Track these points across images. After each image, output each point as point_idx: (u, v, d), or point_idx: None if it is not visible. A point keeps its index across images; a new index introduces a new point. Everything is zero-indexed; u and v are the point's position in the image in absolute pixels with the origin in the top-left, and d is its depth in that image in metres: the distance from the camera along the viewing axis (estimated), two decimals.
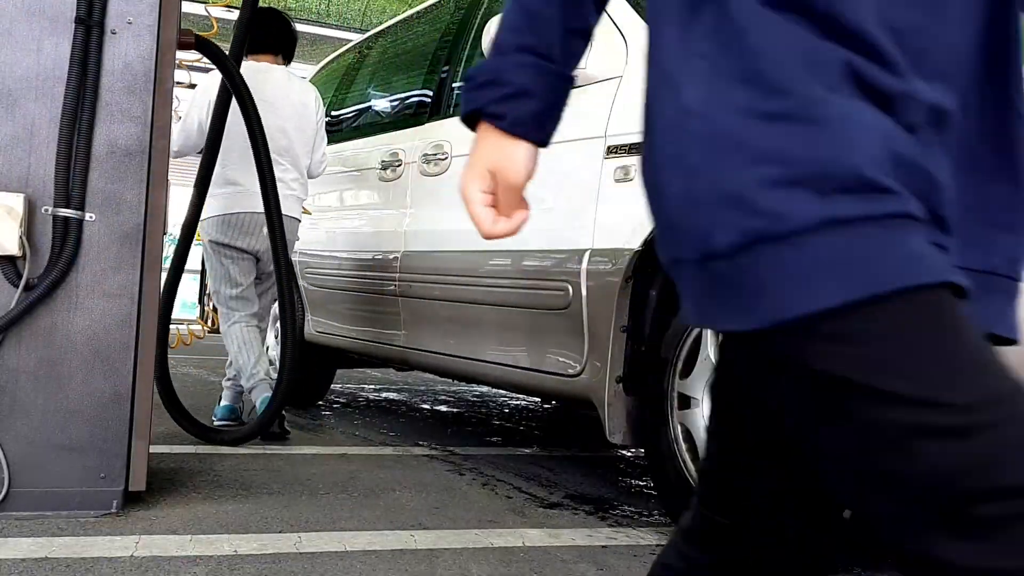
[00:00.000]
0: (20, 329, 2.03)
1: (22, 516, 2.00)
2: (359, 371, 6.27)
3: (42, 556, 1.74)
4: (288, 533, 2.01)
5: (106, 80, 2.08)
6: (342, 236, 3.64)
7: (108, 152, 2.08)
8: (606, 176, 2.26)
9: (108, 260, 2.08)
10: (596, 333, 2.24)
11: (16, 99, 2.03)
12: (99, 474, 2.06)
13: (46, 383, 2.04)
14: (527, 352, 2.52)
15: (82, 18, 2.03)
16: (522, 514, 2.32)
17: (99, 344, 2.07)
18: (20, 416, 2.02)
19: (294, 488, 2.47)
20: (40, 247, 2.04)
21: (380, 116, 3.69)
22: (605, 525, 2.26)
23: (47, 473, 2.03)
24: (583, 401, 2.33)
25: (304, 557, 1.84)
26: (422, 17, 3.69)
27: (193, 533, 1.96)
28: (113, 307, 2.08)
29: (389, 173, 3.32)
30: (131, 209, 2.09)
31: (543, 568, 1.85)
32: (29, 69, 2.03)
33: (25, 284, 2.01)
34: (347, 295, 3.53)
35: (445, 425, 3.96)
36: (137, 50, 2.10)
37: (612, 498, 2.61)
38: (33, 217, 2.03)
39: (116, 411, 2.08)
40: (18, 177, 2.02)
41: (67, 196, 2.03)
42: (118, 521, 2.02)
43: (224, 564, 1.76)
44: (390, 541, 1.98)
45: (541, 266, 2.45)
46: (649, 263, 2.20)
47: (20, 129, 2.03)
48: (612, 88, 2.32)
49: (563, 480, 2.83)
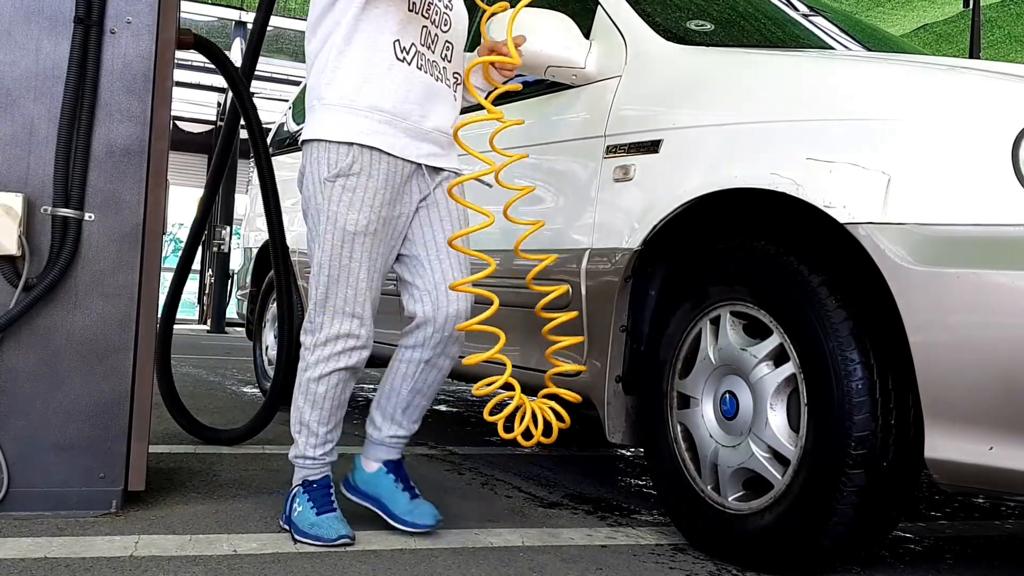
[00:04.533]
0: (19, 329, 2.03)
1: (21, 516, 2.00)
2: None
3: (41, 556, 1.74)
4: (287, 533, 2.01)
5: (105, 80, 2.08)
6: None
7: (107, 152, 2.08)
8: (606, 176, 2.26)
9: (107, 260, 2.08)
10: (595, 333, 2.24)
11: (15, 99, 2.03)
12: (98, 474, 2.06)
13: (45, 383, 2.04)
14: (527, 352, 2.52)
15: (81, 18, 2.03)
16: (522, 514, 2.32)
17: (98, 344, 2.07)
18: (19, 416, 2.02)
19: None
20: (39, 247, 2.04)
21: None
22: (605, 525, 2.26)
23: (46, 473, 2.03)
24: (583, 401, 2.33)
25: (304, 557, 1.84)
26: None
27: (192, 533, 1.96)
28: (112, 307, 2.08)
29: None
30: (130, 209, 2.09)
31: (543, 568, 1.85)
32: (28, 69, 2.03)
33: (24, 284, 2.01)
34: None
35: (445, 425, 3.96)
36: (136, 50, 2.10)
37: (612, 498, 2.61)
38: (32, 217, 2.03)
39: (115, 411, 2.08)
40: (17, 177, 2.02)
41: (66, 196, 2.03)
42: (117, 521, 2.02)
43: (224, 564, 1.76)
44: (390, 541, 1.98)
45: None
46: (649, 263, 2.20)
47: (19, 129, 2.03)
48: (611, 88, 2.32)
49: (563, 480, 2.83)
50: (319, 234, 1.97)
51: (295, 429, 2.03)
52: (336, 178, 1.94)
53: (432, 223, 2.10)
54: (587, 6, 2.56)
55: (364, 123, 1.96)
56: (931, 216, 1.60)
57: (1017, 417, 1.50)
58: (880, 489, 1.71)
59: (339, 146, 1.95)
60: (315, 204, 1.97)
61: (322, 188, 1.95)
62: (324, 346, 1.97)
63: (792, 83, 1.89)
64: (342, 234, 1.94)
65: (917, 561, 2.08)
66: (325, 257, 1.96)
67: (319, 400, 1.99)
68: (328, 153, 1.95)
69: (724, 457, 1.94)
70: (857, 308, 1.74)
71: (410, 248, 2.09)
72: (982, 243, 1.54)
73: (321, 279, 1.97)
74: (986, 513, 2.71)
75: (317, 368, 1.98)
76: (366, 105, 1.96)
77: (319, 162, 1.96)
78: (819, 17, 2.87)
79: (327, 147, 1.95)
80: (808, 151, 1.78)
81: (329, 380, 1.98)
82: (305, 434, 2.02)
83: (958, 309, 1.54)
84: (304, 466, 2.04)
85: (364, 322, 1.99)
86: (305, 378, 2.00)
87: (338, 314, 1.96)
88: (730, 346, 1.95)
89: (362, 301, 1.97)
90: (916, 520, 2.53)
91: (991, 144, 1.57)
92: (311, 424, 2.01)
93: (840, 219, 1.69)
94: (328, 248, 1.95)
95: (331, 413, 2.01)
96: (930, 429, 1.59)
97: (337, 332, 1.96)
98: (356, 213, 1.94)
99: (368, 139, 1.96)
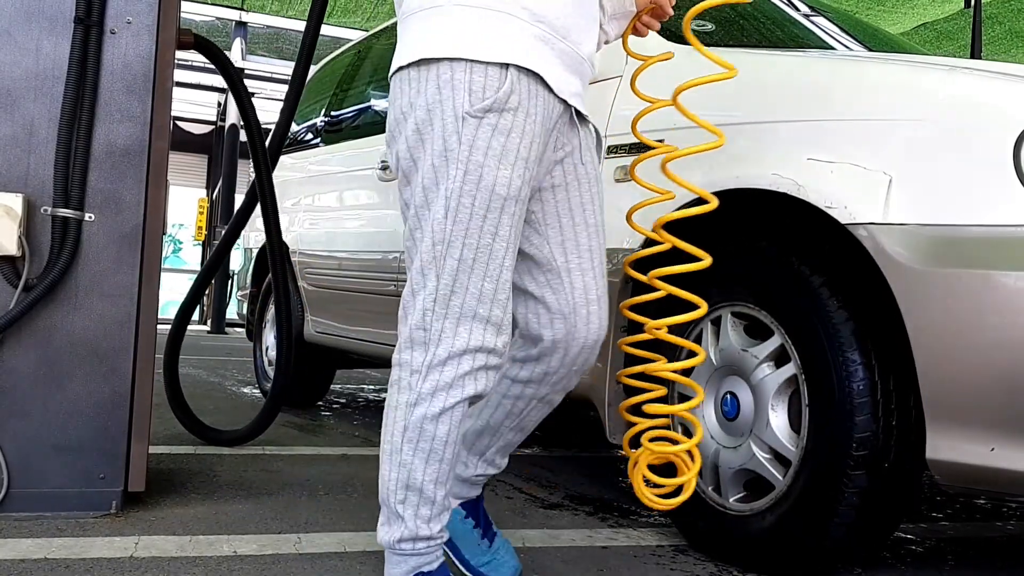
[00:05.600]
0: (19, 329, 2.02)
1: (21, 517, 2.00)
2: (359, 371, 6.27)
3: (41, 557, 1.74)
4: (288, 534, 2.00)
5: (105, 80, 2.07)
6: (342, 236, 3.63)
7: (107, 152, 2.08)
8: (606, 176, 2.25)
9: (107, 260, 2.07)
10: None
11: (15, 99, 2.02)
12: (98, 475, 2.06)
13: (45, 384, 2.04)
14: None
15: (81, 18, 2.03)
16: (522, 514, 2.32)
17: (98, 344, 2.06)
18: (19, 417, 2.02)
19: (294, 489, 2.46)
20: (39, 247, 2.03)
21: (379, 116, 3.69)
22: (605, 526, 2.26)
23: (46, 474, 2.03)
24: (583, 401, 2.32)
25: (304, 558, 1.83)
26: None
27: (192, 534, 1.96)
28: (112, 307, 2.07)
29: (388, 173, 3.32)
30: (130, 209, 2.09)
31: (543, 568, 1.84)
32: (28, 69, 2.03)
33: (24, 284, 2.01)
34: (347, 295, 3.53)
35: None
36: (136, 50, 2.09)
37: (612, 498, 2.61)
38: (32, 217, 2.03)
39: (115, 412, 2.07)
40: (17, 177, 2.02)
41: (66, 196, 2.03)
42: (117, 522, 2.02)
43: (224, 565, 1.76)
44: None
45: None
46: (648, 263, 2.20)
47: (19, 129, 2.03)
48: (612, 88, 2.32)
49: (563, 480, 2.83)
50: (445, 196, 1.33)
51: (395, 499, 1.37)
52: (486, 113, 1.33)
53: (572, 209, 1.50)
54: None
55: (524, 37, 1.36)
56: (932, 217, 1.59)
57: (1018, 418, 1.49)
58: (881, 490, 1.70)
59: (488, 67, 1.34)
60: (439, 151, 1.34)
61: (458, 127, 1.33)
62: (445, 366, 1.34)
63: (793, 83, 1.89)
64: (487, 197, 1.33)
65: (919, 562, 2.08)
66: (457, 231, 1.33)
67: (438, 448, 1.35)
68: (471, 75, 1.33)
69: (725, 458, 1.93)
70: (859, 309, 1.74)
71: (538, 244, 1.50)
72: (983, 244, 1.54)
73: (446, 266, 1.34)
74: (987, 514, 2.71)
75: (436, 400, 1.34)
76: (522, 9, 1.37)
77: (454, 88, 1.33)
78: (820, 17, 2.86)
79: (468, 68, 1.34)
80: (809, 151, 1.78)
81: (452, 416, 1.35)
82: (415, 503, 1.36)
83: (959, 310, 1.53)
84: (416, 552, 1.38)
85: (503, 329, 1.37)
86: (414, 417, 1.35)
87: (468, 318, 1.34)
88: (731, 347, 1.95)
89: (503, 300, 1.36)
90: (918, 521, 2.53)
91: (992, 144, 1.57)
92: (425, 487, 1.36)
93: (841, 220, 1.69)
94: (464, 217, 1.33)
95: (451, 466, 1.38)
96: (931, 430, 1.59)
97: (465, 345, 1.34)
98: (509, 169, 1.34)
99: (529, 61, 1.36)
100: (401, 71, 1.41)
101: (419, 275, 1.37)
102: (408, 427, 1.35)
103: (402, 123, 1.39)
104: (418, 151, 1.36)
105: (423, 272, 1.36)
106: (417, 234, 1.38)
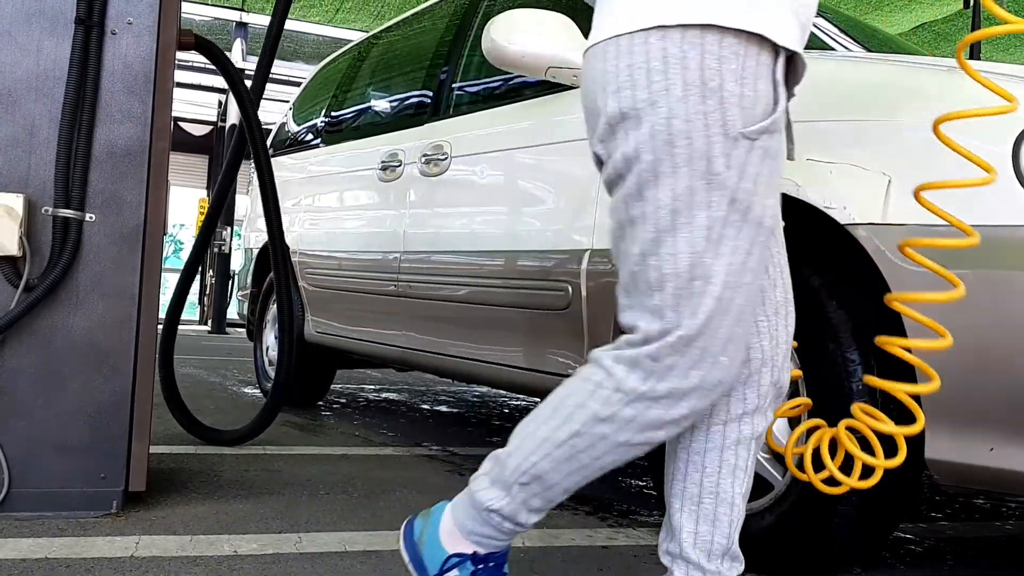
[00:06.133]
0: (20, 330, 2.03)
1: (22, 516, 2.00)
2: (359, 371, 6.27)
3: (42, 556, 1.74)
4: (288, 533, 2.01)
5: (106, 81, 2.08)
6: (342, 236, 3.64)
7: (108, 152, 2.08)
8: None
9: (108, 261, 2.08)
10: (596, 333, 2.24)
11: (16, 99, 2.03)
12: (99, 474, 2.06)
13: (46, 384, 2.04)
14: (527, 352, 2.52)
15: (82, 18, 2.03)
16: None
17: (99, 345, 2.07)
18: (20, 416, 2.02)
19: (294, 488, 2.47)
20: (40, 248, 2.04)
21: (380, 116, 3.69)
22: (605, 526, 2.26)
23: (47, 474, 2.03)
24: None
25: (304, 557, 1.84)
26: (422, 17, 3.69)
27: (193, 533, 1.96)
28: (113, 308, 2.08)
29: (388, 174, 3.32)
30: (131, 210, 2.09)
31: (543, 568, 1.85)
32: (29, 69, 2.03)
33: (25, 284, 2.01)
34: (347, 295, 3.53)
35: (445, 425, 3.96)
36: (137, 50, 2.10)
37: (612, 498, 2.61)
38: (33, 218, 2.03)
39: (116, 412, 2.08)
40: (18, 178, 2.02)
41: (67, 196, 2.03)
42: (118, 521, 2.02)
43: (224, 564, 1.76)
44: (390, 541, 1.98)
45: (541, 266, 2.45)
46: None
47: (20, 130, 2.03)
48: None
49: None
50: (707, 227, 1.15)
51: (520, 477, 1.28)
52: (759, 135, 1.15)
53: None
54: (588, 6, 2.56)
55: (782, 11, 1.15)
56: (932, 217, 1.59)
57: (1018, 418, 1.49)
58: (881, 490, 1.71)
59: (759, 57, 1.14)
60: (699, 173, 1.14)
61: (726, 148, 1.13)
62: (682, 402, 1.18)
63: None
64: (754, 231, 1.17)
65: (918, 562, 2.08)
66: (718, 267, 1.15)
67: (594, 469, 1.26)
68: (746, 86, 1.13)
69: None
70: (858, 309, 1.74)
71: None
72: (983, 244, 1.54)
73: (702, 305, 1.16)
74: (987, 514, 2.71)
75: (644, 432, 1.21)
76: None
77: (723, 101, 1.12)
78: (819, 18, 2.87)
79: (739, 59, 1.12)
80: (809, 151, 1.78)
81: (640, 447, 1.23)
82: (534, 493, 1.28)
83: (959, 310, 1.54)
84: (500, 528, 1.31)
85: (734, 363, 1.21)
86: (611, 440, 1.22)
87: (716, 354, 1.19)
88: None
89: (746, 340, 1.23)
90: (917, 521, 2.53)
91: (992, 145, 1.57)
92: (555, 489, 1.28)
93: (840, 220, 1.69)
94: (728, 251, 1.15)
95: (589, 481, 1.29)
96: (931, 430, 1.59)
97: (706, 379, 1.18)
98: (774, 198, 1.20)
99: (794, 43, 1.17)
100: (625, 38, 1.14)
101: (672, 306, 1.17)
102: (581, 434, 1.23)
103: (632, 120, 1.15)
104: (665, 165, 1.14)
105: (677, 307, 1.17)
106: (653, 260, 1.18)
